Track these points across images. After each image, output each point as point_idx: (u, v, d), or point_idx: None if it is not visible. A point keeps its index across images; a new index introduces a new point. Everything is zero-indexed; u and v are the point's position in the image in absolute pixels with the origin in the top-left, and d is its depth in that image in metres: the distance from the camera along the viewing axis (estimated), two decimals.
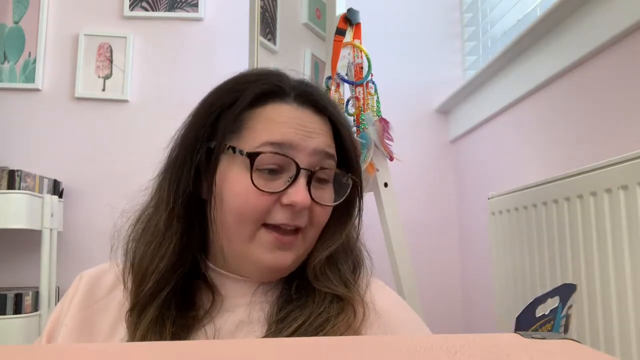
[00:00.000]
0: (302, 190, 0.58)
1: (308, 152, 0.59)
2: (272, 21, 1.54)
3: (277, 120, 0.60)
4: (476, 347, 0.35)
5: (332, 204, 0.62)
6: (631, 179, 0.87)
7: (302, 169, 0.58)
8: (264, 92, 0.62)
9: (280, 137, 0.59)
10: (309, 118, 0.62)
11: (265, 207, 0.58)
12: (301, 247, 0.61)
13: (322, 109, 0.63)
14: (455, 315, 2.07)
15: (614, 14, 1.10)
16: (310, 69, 1.67)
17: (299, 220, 0.59)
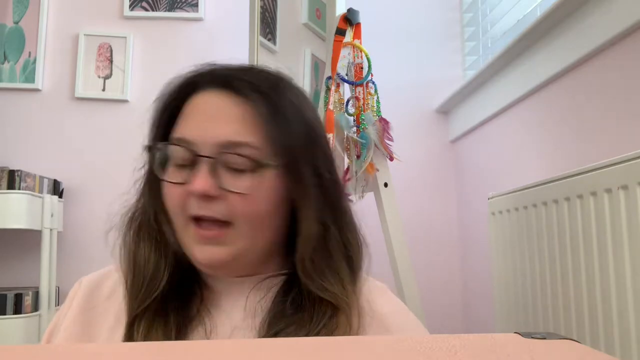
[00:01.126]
0: (201, 177, 0.56)
1: (209, 144, 0.57)
2: (272, 21, 1.54)
3: (188, 115, 0.60)
4: (476, 347, 0.35)
5: (244, 191, 0.57)
6: (631, 179, 0.87)
7: (200, 156, 0.57)
8: (182, 87, 0.63)
9: (181, 133, 0.59)
10: (219, 104, 0.59)
11: (180, 199, 0.58)
12: (238, 242, 0.58)
13: (239, 91, 0.59)
14: (455, 315, 2.07)
15: (614, 14, 1.10)
16: (310, 69, 1.67)
17: (210, 210, 0.57)
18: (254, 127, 0.58)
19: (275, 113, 0.59)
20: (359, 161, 1.30)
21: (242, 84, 0.60)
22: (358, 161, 1.31)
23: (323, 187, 0.61)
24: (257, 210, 0.58)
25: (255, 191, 0.57)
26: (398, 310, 0.65)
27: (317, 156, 0.61)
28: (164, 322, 0.59)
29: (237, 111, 0.58)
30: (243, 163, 0.57)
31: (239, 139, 0.57)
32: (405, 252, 1.35)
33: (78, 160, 2.05)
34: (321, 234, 0.60)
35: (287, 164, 0.58)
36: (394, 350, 0.35)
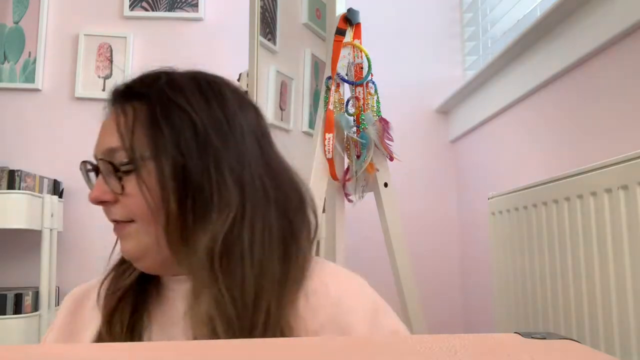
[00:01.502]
0: (95, 187, 0.64)
1: (98, 154, 0.64)
2: (272, 21, 1.54)
3: None
4: (476, 347, 0.35)
5: (127, 191, 0.61)
6: (631, 179, 0.87)
7: (93, 167, 0.66)
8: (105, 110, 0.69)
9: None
10: (107, 121, 0.66)
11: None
12: (142, 236, 0.62)
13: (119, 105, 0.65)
14: (455, 315, 2.07)
15: (614, 14, 1.10)
16: (310, 69, 1.67)
17: (111, 214, 0.64)
18: (119, 133, 0.63)
19: (143, 113, 0.63)
20: (359, 161, 1.30)
21: (116, 96, 0.66)
22: (358, 161, 1.31)
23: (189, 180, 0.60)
24: (141, 207, 0.61)
25: (133, 190, 0.61)
26: (354, 290, 0.64)
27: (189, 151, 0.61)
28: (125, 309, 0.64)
29: (115, 121, 0.64)
30: (120, 166, 0.62)
31: (112, 146, 0.63)
32: (405, 252, 1.35)
33: (78, 160, 2.04)
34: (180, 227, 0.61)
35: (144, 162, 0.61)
36: (394, 350, 0.35)
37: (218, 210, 0.60)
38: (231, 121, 0.64)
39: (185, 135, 0.61)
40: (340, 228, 1.39)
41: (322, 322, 0.60)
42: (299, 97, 1.65)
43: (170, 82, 0.65)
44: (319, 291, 0.61)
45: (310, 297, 0.61)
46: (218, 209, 0.60)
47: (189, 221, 0.60)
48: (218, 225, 0.59)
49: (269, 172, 0.65)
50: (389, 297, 1.51)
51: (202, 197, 0.60)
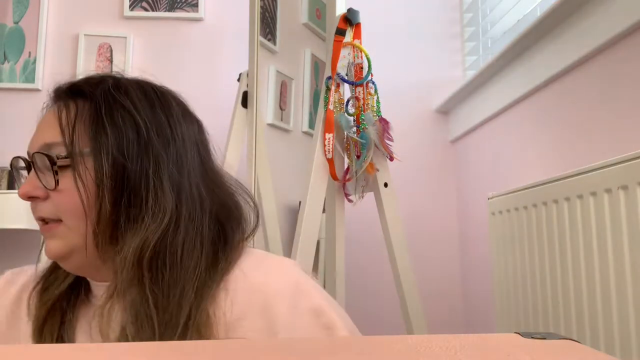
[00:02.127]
0: (25, 182, 0.63)
1: (34, 149, 0.63)
2: (272, 21, 1.54)
3: None
4: (476, 347, 0.35)
5: (59, 187, 0.61)
6: (631, 179, 0.87)
7: (27, 162, 0.64)
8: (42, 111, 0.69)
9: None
10: (47, 117, 0.65)
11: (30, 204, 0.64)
12: (69, 236, 0.61)
13: (61, 102, 0.66)
14: (455, 315, 2.07)
15: (613, 14, 1.10)
16: (310, 69, 1.67)
17: (39, 211, 0.63)
18: (61, 127, 0.62)
19: (86, 110, 0.63)
20: (359, 161, 1.30)
21: (60, 93, 0.67)
22: (358, 161, 1.31)
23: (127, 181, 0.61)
24: (72, 203, 0.60)
25: (67, 186, 0.60)
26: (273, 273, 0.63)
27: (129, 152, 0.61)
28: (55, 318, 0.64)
29: (56, 116, 0.63)
30: (46, 163, 0.61)
31: (48, 141, 0.62)
32: (405, 252, 1.35)
33: None
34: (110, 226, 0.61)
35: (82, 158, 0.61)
36: (394, 350, 0.35)
37: (152, 214, 0.60)
38: (174, 128, 0.65)
39: (127, 137, 0.62)
40: (340, 228, 1.39)
41: (243, 310, 0.59)
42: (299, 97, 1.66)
43: (116, 84, 0.67)
44: (238, 280, 0.61)
45: (229, 288, 0.60)
46: (152, 212, 0.60)
47: (120, 222, 0.60)
48: (151, 229, 0.59)
49: (207, 181, 0.66)
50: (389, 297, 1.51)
51: (138, 199, 0.60)
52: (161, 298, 0.57)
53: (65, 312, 0.65)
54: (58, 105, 0.65)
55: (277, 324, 0.59)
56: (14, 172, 0.69)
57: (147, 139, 0.62)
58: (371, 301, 1.98)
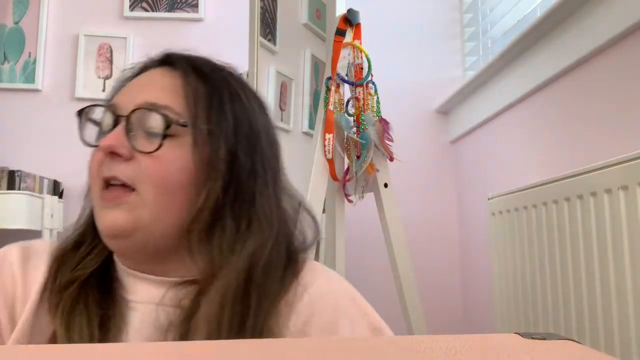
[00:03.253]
0: (113, 134, 0.56)
1: (132, 104, 0.57)
2: (272, 21, 1.54)
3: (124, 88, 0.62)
4: (476, 347, 0.35)
5: (153, 151, 0.55)
6: (631, 179, 0.87)
7: (118, 115, 0.57)
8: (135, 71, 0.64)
9: (113, 99, 0.60)
10: (150, 76, 0.61)
11: (97, 163, 0.57)
12: (139, 209, 0.55)
13: (176, 67, 0.62)
14: (455, 315, 2.07)
15: (614, 14, 1.10)
16: (310, 69, 1.67)
17: (116, 170, 0.55)
18: (178, 95, 0.58)
19: (205, 88, 0.59)
20: (359, 161, 1.30)
21: (180, 61, 0.62)
22: (358, 161, 1.31)
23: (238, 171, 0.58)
24: (164, 175, 0.55)
25: (166, 155, 0.55)
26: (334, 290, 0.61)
27: (242, 145, 0.59)
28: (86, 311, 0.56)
29: (167, 80, 0.60)
30: (156, 123, 0.56)
31: (158, 102, 0.57)
32: (405, 252, 1.35)
33: (78, 160, 2.05)
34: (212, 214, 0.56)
35: (201, 134, 0.57)
36: (394, 350, 0.35)
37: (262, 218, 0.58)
38: (271, 132, 0.65)
39: (244, 130, 0.59)
40: (340, 228, 1.39)
41: (304, 322, 0.57)
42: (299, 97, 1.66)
43: (233, 75, 0.64)
44: (299, 294, 0.59)
45: (290, 300, 0.58)
46: (261, 215, 0.58)
47: (225, 214, 0.56)
48: (266, 235, 0.57)
49: (287, 189, 0.65)
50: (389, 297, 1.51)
51: (246, 193, 0.58)
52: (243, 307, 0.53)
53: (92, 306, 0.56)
54: (173, 72, 0.61)
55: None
56: (82, 119, 0.61)
57: (257, 134, 0.61)
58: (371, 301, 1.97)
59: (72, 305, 0.56)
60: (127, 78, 0.64)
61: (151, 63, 0.64)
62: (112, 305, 0.58)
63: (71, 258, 0.59)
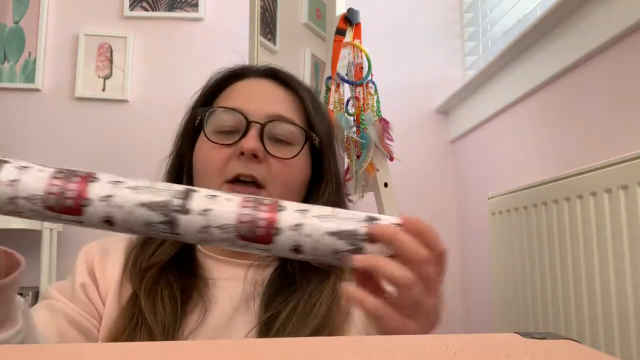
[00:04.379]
0: (251, 137, 0.63)
1: (260, 115, 0.65)
2: (272, 21, 1.54)
3: (234, 92, 0.70)
4: (476, 347, 0.35)
5: (287, 157, 0.65)
6: (631, 179, 0.87)
7: (251, 121, 0.64)
8: (227, 75, 0.72)
9: (232, 104, 0.67)
10: (267, 87, 0.70)
11: (222, 159, 0.64)
12: None
13: (284, 82, 0.71)
14: (455, 315, 2.07)
15: (613, 14, 1.10)
16: (310, 69, 1.67)
17: (253, 170, 0.63)
18: (298, 111, 0.69)
19: (312, 102, 0.70)
20: (359, 161, 1.31)
21: (284, 76, 0.71)
22: (358, 161, 1.31)
23: (337, 172, 0.71)
24: (292, 178, 0.66)
25: (294, 161, 0.66)
26: None
27: (333, 147, 0.72)
28: (169, 285, 0.62)
29: (283, 95, 0.69)
30: (288, 134, 0.66)
31: (287, 115, 0.67)
32: None
33: (78, 160, 2.05)
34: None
35: (321, 142, 0.69)
36: (394, 350, 0.35)
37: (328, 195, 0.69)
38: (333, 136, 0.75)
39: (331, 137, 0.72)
40: None
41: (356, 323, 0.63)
42: None
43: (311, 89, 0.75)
44: None
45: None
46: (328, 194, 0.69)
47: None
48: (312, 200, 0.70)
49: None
50: None
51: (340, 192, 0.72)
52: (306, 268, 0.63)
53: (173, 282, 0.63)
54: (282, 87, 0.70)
55: None
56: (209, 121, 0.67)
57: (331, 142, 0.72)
58: None
59: (155, 280, 0.62)
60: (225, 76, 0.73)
61: (251, 73, 0.72)
62: (194, 281, 0.64)
63: (147, 247, 0.66)
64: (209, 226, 0.42)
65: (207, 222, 0.42)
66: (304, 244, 0.43)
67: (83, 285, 0.65)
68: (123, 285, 0.65)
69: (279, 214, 0.43)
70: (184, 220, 0.43)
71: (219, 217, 0.42)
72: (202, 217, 0.42)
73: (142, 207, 0.43)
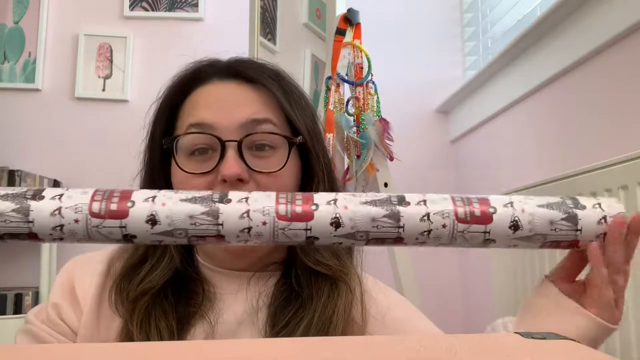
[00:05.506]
0: (231, 161, 0.56)
1: (232, 127, 0.58)
2: (272, 21, 1.54)
3: (199, 103, 0.60)
4: (476, 347, 0.35)
5: (274, 169, 0.58)
6: (631, 179, 0.87)
7: (226, 141, 0.57)
8: (184, 81, 0.63)
9: (200, 118, 0.58)
10: (233, 91, 0.60)
11: (204, 187, 0.57)
12: None
13: (250, 78, 0.61)
14: (455, 315, 2.07)
15: (613, 14, 1.10)
16: (310, 69, 1.67)
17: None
18: (271, 107, 0.60)
19: (286, 95, 0.61)
20: (359, 161, 1.31)
21: (249, 72, 0.61)
22: (358, 161, 1.31)
23: (327, 167, 0.63)
24: (283, 188, 0.57)
25: (282, 170, 0.59)
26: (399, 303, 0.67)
27: (320, 139, 0.64)
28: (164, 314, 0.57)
29: (252, 94, 0.60)
30: (268, 140, 0.58)
31: (261, 116, 0.59)
32: (405, 252, 1.35)
33: (78, 160, 2.05)
34: None
35: (305, 141, 0.61)
36: (394, 350, 0.35)
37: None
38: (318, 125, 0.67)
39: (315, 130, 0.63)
40: None
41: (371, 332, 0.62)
42: None
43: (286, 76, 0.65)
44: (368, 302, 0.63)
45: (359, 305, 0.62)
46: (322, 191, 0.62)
47: None
48: None
49: None
50: None
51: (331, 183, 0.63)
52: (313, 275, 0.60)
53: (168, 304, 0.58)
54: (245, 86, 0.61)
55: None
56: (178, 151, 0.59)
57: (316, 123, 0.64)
58: None
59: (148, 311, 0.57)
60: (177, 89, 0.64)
61: (208, 75, 0.63)
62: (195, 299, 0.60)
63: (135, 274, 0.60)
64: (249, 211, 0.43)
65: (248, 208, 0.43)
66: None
67: (55, 305, 0.61)
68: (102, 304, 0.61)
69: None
70: (224, 209, 0.43)
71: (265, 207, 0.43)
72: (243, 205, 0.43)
73: (185, 202, 0.43)
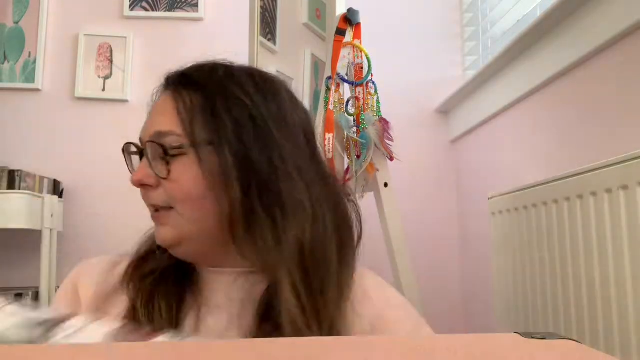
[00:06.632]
0: (138, 169, 0.64)
1: (147, 136, 0.64)
2: (272, 21, 1.54)
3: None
4: (476, 347, 0.35)
5: (171, 176, 0.61)
6: (631, 179, 0.87)
7: (139, 149, 0.65)
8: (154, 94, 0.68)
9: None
10: (161, 102, 0.65)
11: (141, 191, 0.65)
12: (181, 224, 0.62)
13: (174, 89, 0.64)
14: (455, 315, 2.07)
15: (613, 14, 1.10)
16: (310, 69, 1.67)
17: (150, 199, 0.63)
18: (180, 117, 0.62)
19: (200, 100, 0.62)
20: (359, 161, 1.31)
21: (176, 81, 0.65)
22: (358, 161, 1.31)
23: (253, 170, 0.60)
24: (184, 192, 0.61)
25: (180, 176, 0.61)
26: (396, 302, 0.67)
27: (251, 144, 0.61)
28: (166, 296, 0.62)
29: (170, 105, 0.63)
30: (169, 150, 0.61)
31: (163, 129, 0.62)
32: (405, 252, 1.35)
33: (78, 160, 2.05)
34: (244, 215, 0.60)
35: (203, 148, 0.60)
36: (394, 350, 0.35)
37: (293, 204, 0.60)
38: (288, 118, 0.65)
39: (247, 128, 0.61)
40: None
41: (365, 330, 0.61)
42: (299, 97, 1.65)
43: (228, 74, 0.65)
44: (363, 300, 0.63)
45: (355, 304, 0.62)
46: (292, 202, 0.60)
47: (256, 211, 0.59)
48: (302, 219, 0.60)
49: (321, 174, 0.66)
50: None
51: (269, 187, 0.60)
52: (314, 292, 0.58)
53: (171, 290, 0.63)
54: (172, 94, 0.64)
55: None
56: (126, 157, 0.68)
57: (266, 129, 0.62)
58: None
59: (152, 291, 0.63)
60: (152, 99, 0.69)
61: (162, 87, 0.68)
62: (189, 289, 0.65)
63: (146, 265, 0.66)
64: None
65: None
66: None
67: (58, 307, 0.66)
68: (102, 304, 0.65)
69: None
70: None
71: None
72: None
73: None
